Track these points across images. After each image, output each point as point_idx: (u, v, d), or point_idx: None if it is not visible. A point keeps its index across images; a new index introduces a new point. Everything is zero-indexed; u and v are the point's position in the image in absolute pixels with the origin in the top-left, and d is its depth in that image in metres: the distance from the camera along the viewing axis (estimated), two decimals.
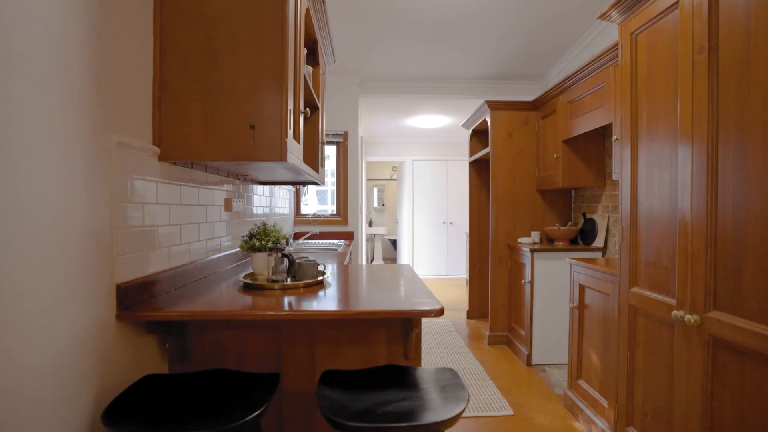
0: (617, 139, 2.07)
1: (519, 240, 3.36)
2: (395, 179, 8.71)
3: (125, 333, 1.24)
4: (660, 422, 1.66)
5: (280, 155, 1.44)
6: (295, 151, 1.63)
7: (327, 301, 1.39)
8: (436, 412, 1.01)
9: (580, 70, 2.66)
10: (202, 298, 1.40)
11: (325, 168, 2.73)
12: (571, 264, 2.41)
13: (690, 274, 1.49)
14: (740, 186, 1.30)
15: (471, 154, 4.16)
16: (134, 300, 1.26)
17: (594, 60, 2.50)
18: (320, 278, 1.66)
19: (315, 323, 1.51)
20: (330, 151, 4.03)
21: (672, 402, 1.58)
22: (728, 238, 1.35)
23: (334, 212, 3.92)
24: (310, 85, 2.06)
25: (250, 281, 1.60)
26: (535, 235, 3.34)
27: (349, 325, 1.52)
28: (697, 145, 1.46)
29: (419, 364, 1.52)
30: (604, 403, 2.08)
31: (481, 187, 4.20)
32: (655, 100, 1.70)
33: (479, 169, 4.19)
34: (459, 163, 6.95)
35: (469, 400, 1.08)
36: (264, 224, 1.75)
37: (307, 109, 1.77)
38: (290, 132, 1.47)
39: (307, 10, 1.90)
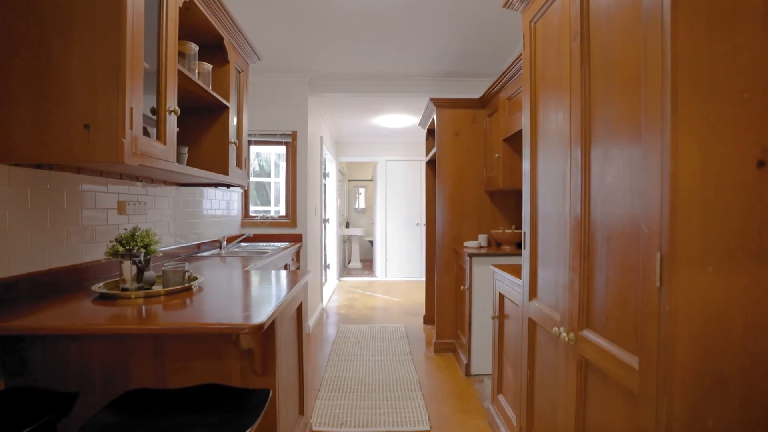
0: None
1: (465, 244, 3.22)
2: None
3: None
4: None
5: (117, 156, 1.34)
6: (152, 151, 1.52)
7: (168, 312, 1.28)
8: None
9: (512, 64, 2.51)
10: (44, 310, 1.31)
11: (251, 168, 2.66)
12: (494, 272, 2.27)
13: (569, 288, 1.35)
14: (605, 195, 1.15)
15: (426, 154, 4.03)
16: None
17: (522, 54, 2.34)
18: (187, 285, 1.56)
19: (161, 335, 1.41)
20: (280, 151, 3.92)
21: (555, 426, 1.44)
22: (597, 251, 1.20)
23: (283, 214, 3.82)
24: (201, 83, 1.95)
25: (105, 290, 1.51)
26: (483, 239, 3.19)
27: (198, 337, 1.41)
28: (574, 144, 1.32)
29: (272, 382, 1.41)
30: (515, 420, 1.94)
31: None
32: (548, 94, 1.56)
33: (435, 169, 4.04)
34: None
35: (253, 428, 0.96)
36: (135, 228, 1.65)
37: (176, 107, 1.66)
38: (130, 132, 1.36)
39: (190, 3, 1.79)
